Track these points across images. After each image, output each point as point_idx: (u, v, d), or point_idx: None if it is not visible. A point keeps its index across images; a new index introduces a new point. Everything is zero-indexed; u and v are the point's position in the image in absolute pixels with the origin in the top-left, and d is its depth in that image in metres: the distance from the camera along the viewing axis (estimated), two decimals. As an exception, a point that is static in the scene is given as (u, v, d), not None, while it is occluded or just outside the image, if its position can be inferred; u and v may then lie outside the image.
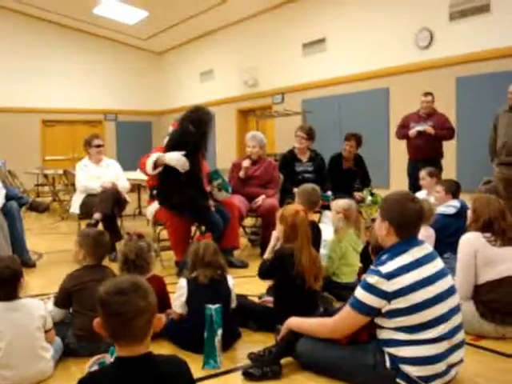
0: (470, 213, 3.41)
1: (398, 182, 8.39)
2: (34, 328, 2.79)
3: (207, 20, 12.78)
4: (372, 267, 2.53)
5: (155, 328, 1.72)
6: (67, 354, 3.05)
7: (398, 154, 8.81)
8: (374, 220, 3.22)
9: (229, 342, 3.13)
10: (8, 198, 5.33)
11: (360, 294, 2.50)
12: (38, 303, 2.91)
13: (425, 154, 6.73)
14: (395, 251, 2.51)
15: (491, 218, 3.23)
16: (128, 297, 1.66)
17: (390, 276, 2.42)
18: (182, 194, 4.81)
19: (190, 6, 12.08)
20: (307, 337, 2.76)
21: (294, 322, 2.83)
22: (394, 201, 2.59)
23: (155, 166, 4.83)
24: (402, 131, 7.09)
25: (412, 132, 6.84)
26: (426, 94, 6.95)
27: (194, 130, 4.82)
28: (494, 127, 6.18)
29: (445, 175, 6.46)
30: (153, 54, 16.21)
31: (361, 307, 2.49)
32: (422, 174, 5.58)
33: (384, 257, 2.53)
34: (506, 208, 3.33)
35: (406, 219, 2.52)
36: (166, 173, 4.86)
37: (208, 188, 5.22)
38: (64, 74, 14.52)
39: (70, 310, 3.24)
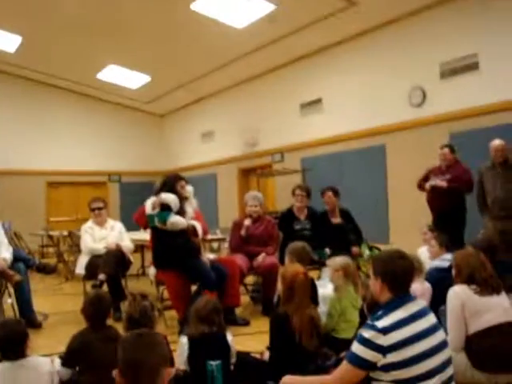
0: (453, 268, 3.55)
1: (399, 236, 8.50)
2: (42, 384, 2.88)
3: (207, 83, 13.18)
4: (368, 322, 2.61)
5: (164, 381, 1.85)
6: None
7: (398, 208, 8.97)
8: (369, 276, 3.34)
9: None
10: (16, 259, 5.44)
11: (357, 348, 2.57)
12: (45, 360, 3.01)
13: (440, 208, 6.56)
14: (390, 307, 2.60)
15: (472, 270, 3.35)
16: (145, 350, 1.83)
17: (385, 330, 2.50)
18: (172, 246, 5.07)
19: (190, 70, 12.50)
20: None
21: (288, 382, 2.85)
22: (384, 259, 2.71)
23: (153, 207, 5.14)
24: (421, 184, 6.88)
25: (426, 186, 6.66)
26: (442, 146, 6.78)
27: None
28: (480, 184, 6.31)
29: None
30: (155, 116, 16.62)
31: (358, 361, 2.55)
32: (424, 229, 5.65)
33: (380, 312, 2.62)
34: (486, 260, 3.45)
35: (397, 276, 2.63)
36: (157, 234, 5.15)
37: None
38: (68, 137, 14.87)
39: (77, 369, 3.33)
